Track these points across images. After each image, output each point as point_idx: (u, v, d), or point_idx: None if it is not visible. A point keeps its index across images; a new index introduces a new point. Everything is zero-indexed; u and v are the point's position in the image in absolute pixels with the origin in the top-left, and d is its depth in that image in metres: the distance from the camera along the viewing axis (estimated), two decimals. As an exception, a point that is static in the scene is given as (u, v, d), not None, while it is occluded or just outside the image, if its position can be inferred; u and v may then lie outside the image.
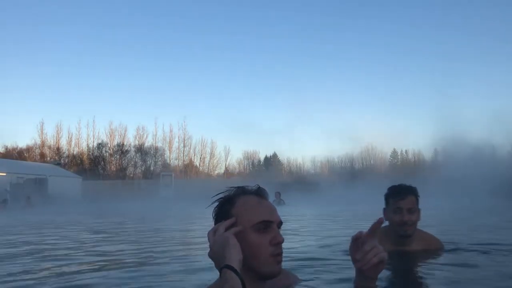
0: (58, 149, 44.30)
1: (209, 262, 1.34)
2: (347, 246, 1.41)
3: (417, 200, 2.49)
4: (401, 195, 2.45)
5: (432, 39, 51.24)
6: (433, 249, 2.62)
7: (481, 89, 50.57)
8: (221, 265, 1.18)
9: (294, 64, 58.45)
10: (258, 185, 1.39)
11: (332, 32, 56.60)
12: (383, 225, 2.60)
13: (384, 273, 2.10)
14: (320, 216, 8.85)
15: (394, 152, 50.43)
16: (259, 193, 1.37)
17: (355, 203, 13.47)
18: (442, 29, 51.98)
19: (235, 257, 1.19)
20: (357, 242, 1.34)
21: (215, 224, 1.35)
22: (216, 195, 1.39)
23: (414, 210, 2.45)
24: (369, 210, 8.28)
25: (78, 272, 2.53)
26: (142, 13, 53.73)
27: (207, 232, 1.32)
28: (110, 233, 5.66)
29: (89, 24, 55.05)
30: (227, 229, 1.27)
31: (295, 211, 10.66)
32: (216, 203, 1.39)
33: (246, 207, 1.31)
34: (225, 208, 1.34)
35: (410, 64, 55.70)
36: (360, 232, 1.35)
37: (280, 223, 1.33)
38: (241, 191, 1.37)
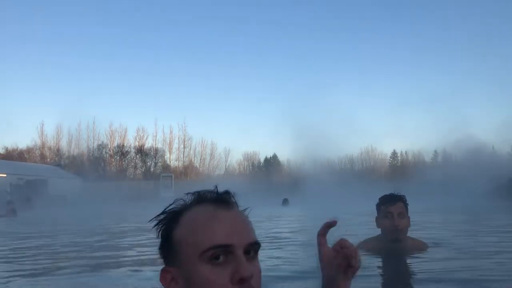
0: (58, 150, 44.32)
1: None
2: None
3: (406, 207, 2.67)
4: (391, 202, 2.65)
5: (431, 39, 51.32)
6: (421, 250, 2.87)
7: (482, 89, 50.64)
8: None
9: (291, 64, 58.56)
10: (216, 187, 0.90)
11: (330, 33, 56.72)
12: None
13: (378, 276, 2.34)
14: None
15: (394, 153, 50.43)
16: (219, 199, 0.87)
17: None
18: (441, 29, 52.09)
19: None
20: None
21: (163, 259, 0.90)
22: (160, 214, 0.91)
23: (404, 215, 2.63)
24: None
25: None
26: (141, 14, 53.88)
27: None
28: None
29: (89, 25, 55.21)
30: None
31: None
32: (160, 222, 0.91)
33: (193, 225, 0.83)
34: (164, 232, 0.88)
35: (410, 64, 55.81)
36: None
37: (251, 246, 0.83)
38: (196, 199, 0.89)
